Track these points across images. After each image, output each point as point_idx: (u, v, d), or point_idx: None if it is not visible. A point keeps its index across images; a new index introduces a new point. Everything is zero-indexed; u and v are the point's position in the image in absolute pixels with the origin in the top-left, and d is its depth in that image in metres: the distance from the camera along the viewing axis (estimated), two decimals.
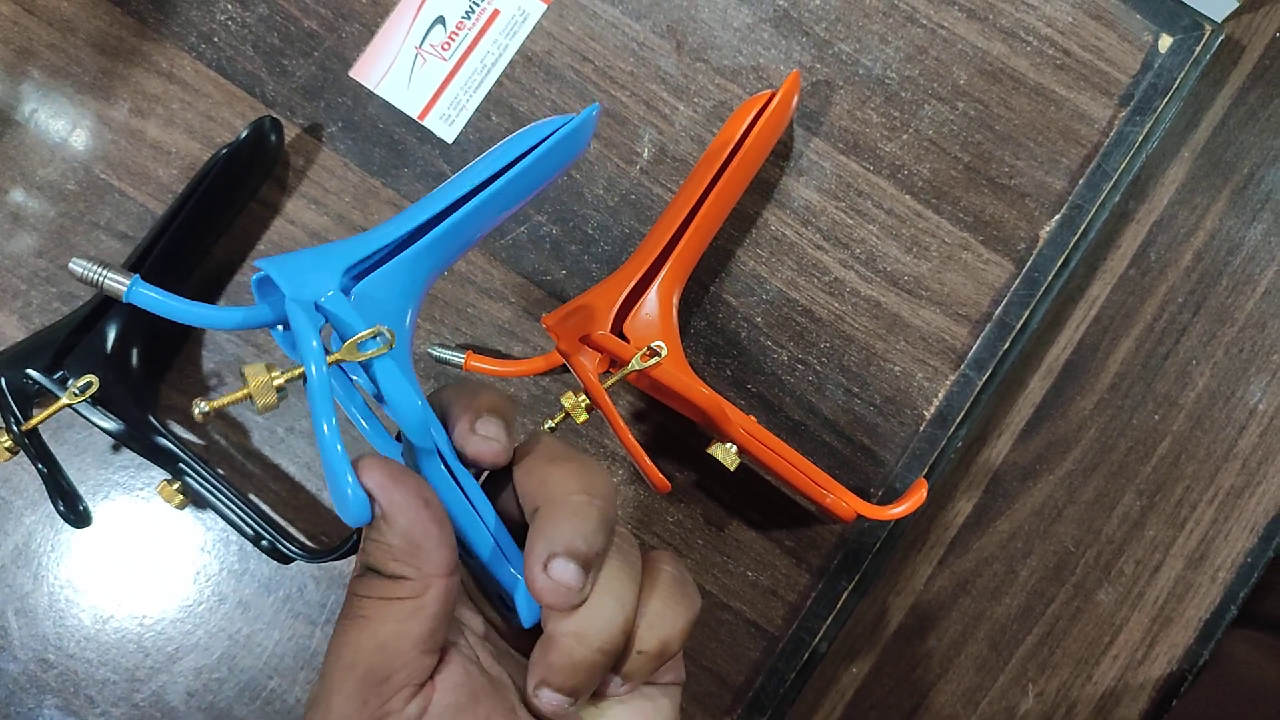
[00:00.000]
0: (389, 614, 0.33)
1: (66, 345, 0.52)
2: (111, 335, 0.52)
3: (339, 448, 0.34)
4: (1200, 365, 0.57)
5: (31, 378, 0.51)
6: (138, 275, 0.37)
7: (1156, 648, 0.56)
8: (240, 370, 0.36)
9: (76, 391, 0.50)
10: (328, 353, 0.35)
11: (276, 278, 0.36)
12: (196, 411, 0.34)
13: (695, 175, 0.52)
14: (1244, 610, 0.57)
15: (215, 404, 0.34)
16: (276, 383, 0.35)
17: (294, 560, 0.52)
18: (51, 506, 0.53)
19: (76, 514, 0.53)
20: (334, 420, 0.34)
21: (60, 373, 0.52)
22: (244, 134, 0.53)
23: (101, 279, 0.37)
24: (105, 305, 0.52)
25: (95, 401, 0.51)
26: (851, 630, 0.56)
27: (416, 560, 0.33)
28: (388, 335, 0.36)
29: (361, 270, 0.38)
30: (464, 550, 0.37)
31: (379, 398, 0.37)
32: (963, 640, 0.56)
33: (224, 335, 0.55)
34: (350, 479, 0.33)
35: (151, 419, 0.53)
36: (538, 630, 0.36)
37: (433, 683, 0.33)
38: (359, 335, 0.35)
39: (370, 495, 0.33)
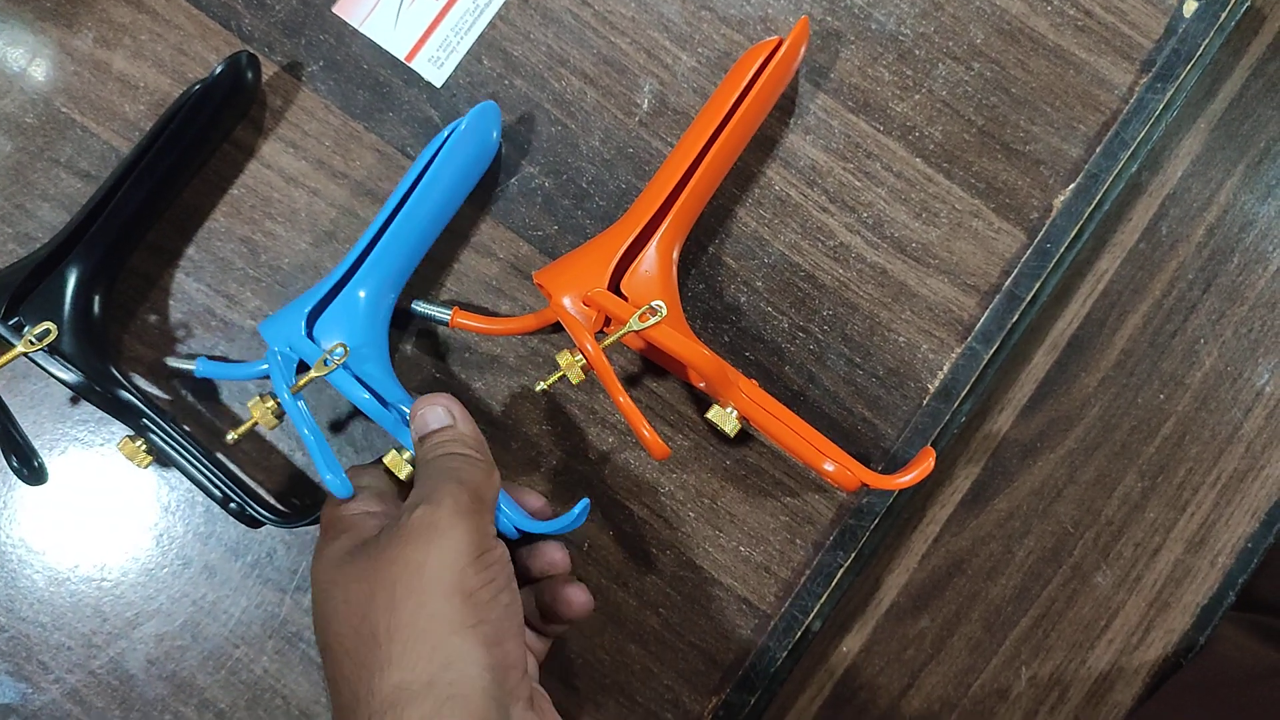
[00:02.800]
0: (477, 469, 0.45)
1: (23, 290, 0.49)
2: (72, 280, 0.49)
3: (317, 445, 0.46)
4: (1208, 344, 0.56)
5: None
6: (202, 357, 0.51)
7: (1153, 632, 0.55)
8: (248, 405, 0.49)
9: (33, 340, 0.47)
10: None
11: (263, 333, 0.49)
12: (229, 438, 0.48)
13: (697, 126, 0.49)
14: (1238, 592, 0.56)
15: (239, 431, 0.48)
16: (270, 408, 0.48)
17: (264, 525, 0.50)
18: (4, 462, 0.50)
19: (31, 470, 0.50)
20: (310, 428, 0.46)
21: (15, 319, 0.48)
22: (218, 70, 0.50)
23: (184, 368, 0.51)
24: (65, 248, 0.49)
25: (53, 351, 0.48)
26: (843, 608, 0.54)
27: (482, 451, 0.46)
28: (341, 351, 0.47)
29: (320, 309, 0.49)
30: None
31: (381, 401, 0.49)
32: (956, 620, 0.55)
33: (193, 286, 0.52)
34: (329, 473, 0.46)
35: (113, 371, 0.49)
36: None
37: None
38: (316, 362, 0.47)
39: (448, 409, 0.47)
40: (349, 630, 0.41)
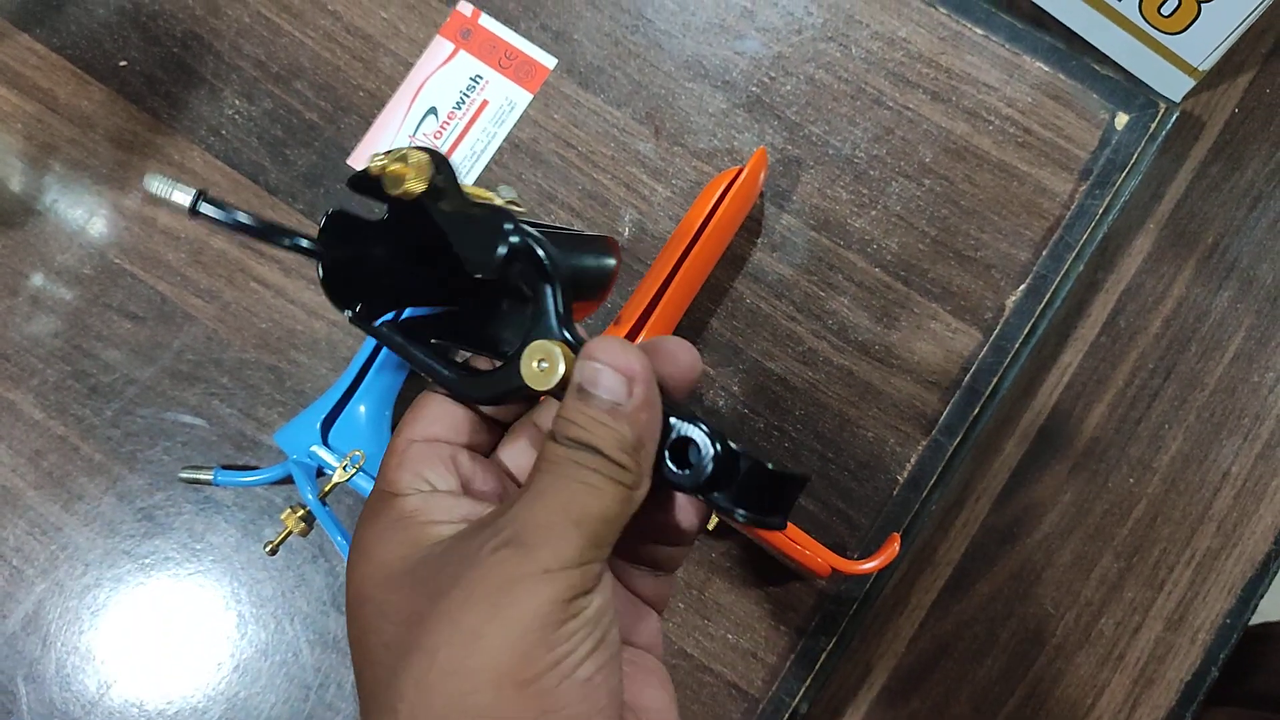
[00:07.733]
0: (614, 494, 0.32)
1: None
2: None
3: (347, 544, 0.53)
4: (1173, 429, 0.59)
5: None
6: (219, 466, 0.57)
7: (1139, 710, 0.57)
8: (281, 517, 0.54)
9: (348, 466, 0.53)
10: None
11: (280, 443, 0.55)
12: (266, 549, 0.54)
13: (669, 247, 0.55)
14: (1224, 687, 0.57)
15: (276, 541, 0.54)
16: (300, 515, 0.53)
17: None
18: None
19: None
20: (340, 532, 0.54)
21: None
22: None
23: (201, 478, 0.57)
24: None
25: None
26: (835, 692, 0.57)
27: (639, 458, 0.32)
28: (359, 457, 0.53)
29: (333, 416, 0.54)
30: None
31: None
32: (945, 702, 0.57)
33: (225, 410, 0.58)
34: None
35: None
36: None
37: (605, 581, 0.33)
38: (337, 468, 0.52)
39: (630, 380, 0.32)
40: (383, 645, 0.32)
